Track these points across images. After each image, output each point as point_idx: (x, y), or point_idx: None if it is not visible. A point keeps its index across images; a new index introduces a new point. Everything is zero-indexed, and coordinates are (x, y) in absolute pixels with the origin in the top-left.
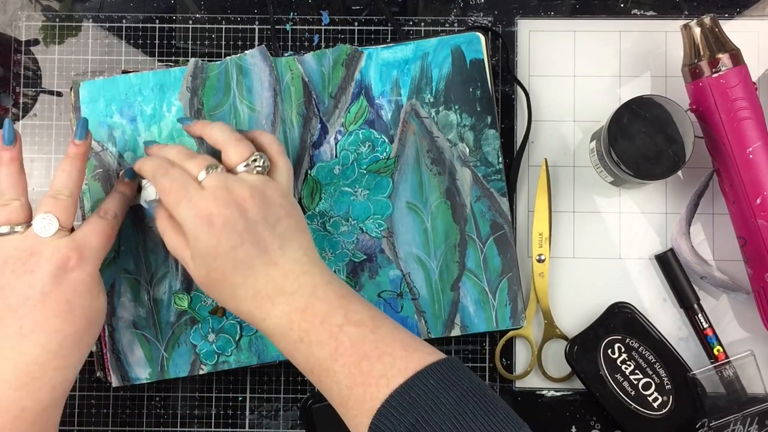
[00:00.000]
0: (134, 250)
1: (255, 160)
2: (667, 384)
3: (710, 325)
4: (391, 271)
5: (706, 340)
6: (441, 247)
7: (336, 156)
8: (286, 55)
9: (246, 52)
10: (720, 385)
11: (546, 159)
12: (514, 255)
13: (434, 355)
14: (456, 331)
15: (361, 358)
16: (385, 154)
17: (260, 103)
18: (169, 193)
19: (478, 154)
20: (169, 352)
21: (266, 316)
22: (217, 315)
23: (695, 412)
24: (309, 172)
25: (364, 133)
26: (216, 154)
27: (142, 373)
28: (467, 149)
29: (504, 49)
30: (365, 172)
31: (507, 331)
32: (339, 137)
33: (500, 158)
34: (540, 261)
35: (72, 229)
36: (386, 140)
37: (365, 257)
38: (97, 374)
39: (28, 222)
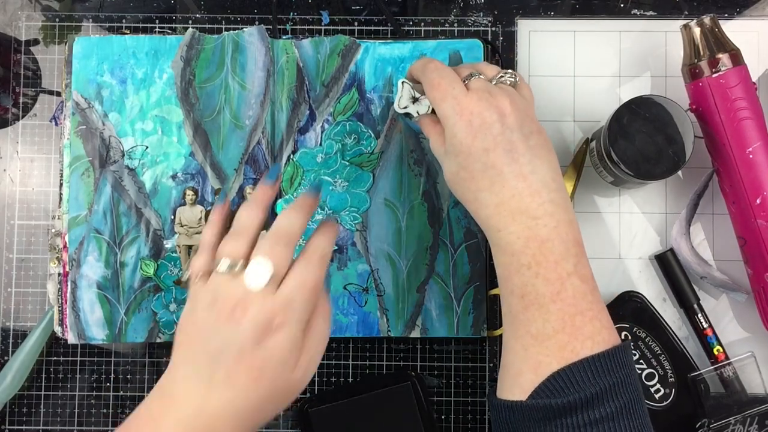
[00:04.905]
0: (107, 211)
1: (506, 74)
2: (671, 377)
3: (710, 325)
4: (360, 265)
5: (706, 340)
6: (412, 248)
7: (320, 144)
8: (284, 38)
9: (244, 29)
10: (720, 385)
11: (588, 138)
12: (484, 265)
13: (617, 336)
14: (416, 333)
15: (576, 312)
16: (369, 148)
17: (252, 82)
18: (437, 88)
19: None
20: (129, 317)
21: (503, 228)
22: (181, 286)
23: (696, 409)
24: (292, 156)
25: (351, 125)
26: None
27: (99, 334)
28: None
29: (497, 52)
30: (347, 163)
31: (470, 338)
32: (326, 126)
33: None
34: None
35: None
36: (372, 135)
37: (336, 248)
38: (55, 329)
39: (247, 260)
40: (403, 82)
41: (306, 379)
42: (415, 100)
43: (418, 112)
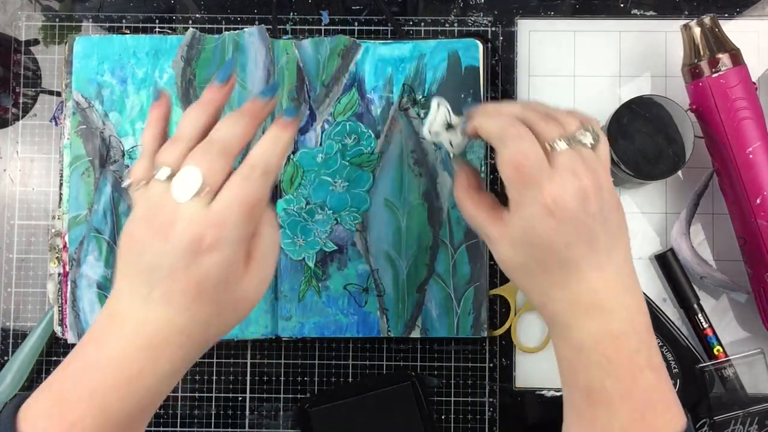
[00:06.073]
0: (107, 211)
1: (586, 132)
2: (674, 368)
3: (710, 325)
4: (360, 265)
5: (706, 340)
6: (413, 248)
7: (320, 144)
8: (284, 38)
9: (245, 29)
10: (720, 385)
11: None
12: (485, 265)
13: (685, 416)
14: (416, 333)
15: (647, 408)
16: (369, 148)
17: (252, 82)
18: (517, 169)
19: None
20: None
21: (573, 325)
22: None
23: (702, 399)
24: (292, 156)
25: (351, 125)
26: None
27: None
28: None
29: (497, 52)
30: (347, 164)
31: (469, 338)
32: (326, 126)
33: (483, 167)
34: None
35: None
36: (372, 135)
37: (336, 248)
38: (55, 328)
39: None
40: (438, 104)
41: (260, 292)
42: (449, 126)
43: (451, 143)
